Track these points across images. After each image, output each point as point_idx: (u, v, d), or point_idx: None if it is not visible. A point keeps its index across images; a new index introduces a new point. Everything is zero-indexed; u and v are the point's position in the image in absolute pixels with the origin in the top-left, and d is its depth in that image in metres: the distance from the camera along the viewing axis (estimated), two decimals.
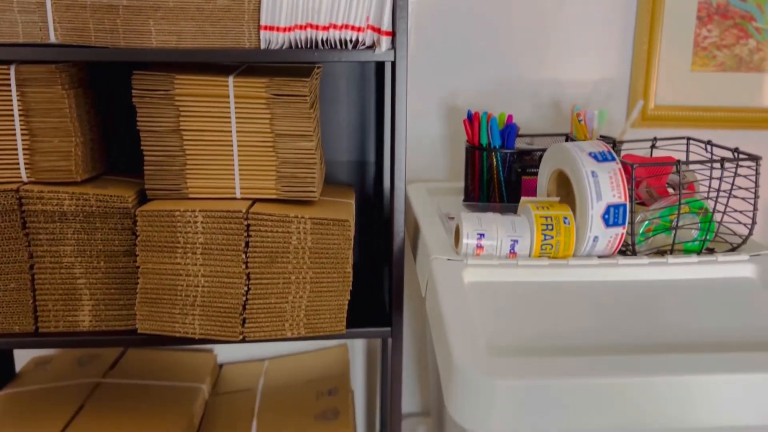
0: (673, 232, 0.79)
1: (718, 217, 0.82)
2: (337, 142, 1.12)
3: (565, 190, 0.86)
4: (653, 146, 0.91)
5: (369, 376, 1.33)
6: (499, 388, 0.62)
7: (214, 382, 1.18)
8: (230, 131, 0.85)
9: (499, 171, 1.00)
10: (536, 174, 0.97)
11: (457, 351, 0.65)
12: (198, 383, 1.10)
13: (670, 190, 0.85)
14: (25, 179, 0.85)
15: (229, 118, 0.85)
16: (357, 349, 1.31)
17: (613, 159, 0.78)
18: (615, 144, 0.94)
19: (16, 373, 1.15)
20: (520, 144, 1.03)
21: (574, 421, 0.64)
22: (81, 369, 1.13)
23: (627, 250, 0.82)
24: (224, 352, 1.27)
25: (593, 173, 0.76)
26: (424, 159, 1.21)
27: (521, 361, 0.65)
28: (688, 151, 0.90)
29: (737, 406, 0.64)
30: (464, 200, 1.05)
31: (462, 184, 1.15)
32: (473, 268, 0.77)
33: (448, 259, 0.79)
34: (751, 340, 0.69)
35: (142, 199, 0.88)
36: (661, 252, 0.81)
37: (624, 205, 0.76)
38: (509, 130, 0.98)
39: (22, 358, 1.21)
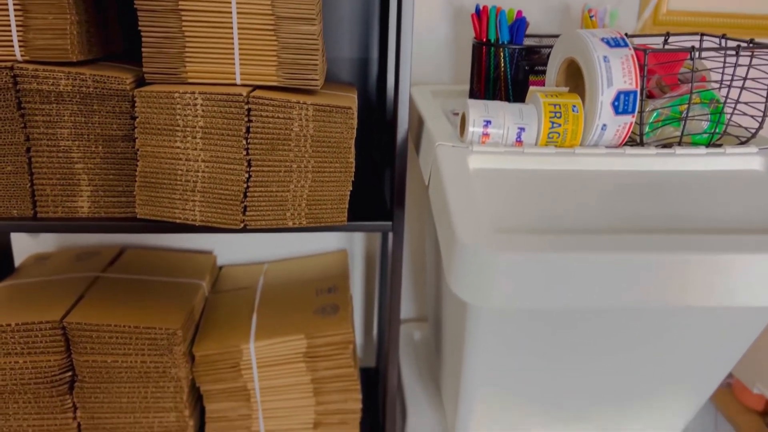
0: (683, 122, 0.77)
1: (729, 110, 0.80)
2: (339, 37, 1.08)
3: (575, 82, 0.84)
4: (666, 42, 0.89)
5: (367, 285, 1.34)
6: (500, 261, 0.62)
7: (214, 282, 1.19)
8: (230, 12, 0.82)
9: (507, 69, 0.97)
10: (544, 73, 0.95)
11: (460, 227, 0.65)
12: (198, 280, 1.11)
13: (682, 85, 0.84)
14: (19, 58, 0.82)
15: None
16: (356, 257, 1.32)
17: (626, 45, 0.75)
18: (627, 36, 0.91)
19: (16, 268, 1.15)
20: (529, 42, 1.00)
21: (573, 297, 0.64)
22: (79, 264, 1.13)
23: (635, 142, 0.81)
24: (223, 254, 1.28)
25: (605, 58, 0.74)
26: (428, 62, 1.18)
27: (523, 237, 0.64)
28: (701, 45, 0.87)
29: (734, 286, 0.64)
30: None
31: (467, 87, 1.13)
32: (478, 155, 0.76)
33: (453, 146, 0.77)
34: (755, 226, 0.69)
35: (141, 83, 0.86)
36: (669, 144, 0.80)
37: (635, 92, 0.74)
38: (518, 25, 0.95)
39: (21, 253, 1.22)
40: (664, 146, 0.79)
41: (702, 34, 0.88)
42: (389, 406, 0.98)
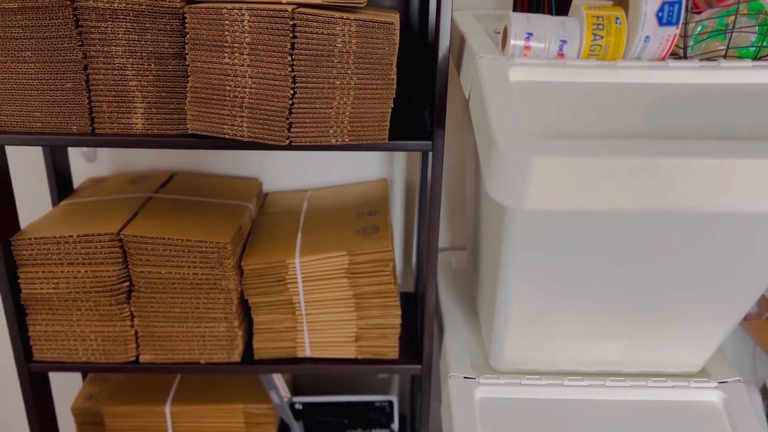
0: (729, 35, 0.77)
1: None
2: None
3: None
4: None
5: (407, 215, 1.37)
6: (535, 164, 0.64)
7: (260, 206, 1.24)
8: None
9: None
10: None
11: (498, 133, 0.67)
12: (245, 202, 1.16)
13: None
14: None
15: None
16: (396, 188, 1.35)
17: None
18: None
19: (74, 189, 1.21)
20: None
21: (607, 200, 0.66)
22: (133, 186, 1.19)
23: (678, 56, 0.80)
24: (268, 182, 1.32)
25: None
26: None
27: (558, 142, 0.66)
28: None
29: None
30: None
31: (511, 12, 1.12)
32: (519, 67, 0.77)
33: (494, 58, 0.78)
34: None
35: (190, 1, 0.89)
36: (714, 58, 0.79)
37: (680, 2, 0.74)
38: None
39: (78, 177, 1.28)
40: (709, 60, 0.79)
41: None
42: (427, 320, 1.02)
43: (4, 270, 0.98)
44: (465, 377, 0.96)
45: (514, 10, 1.00)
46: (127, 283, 1.02)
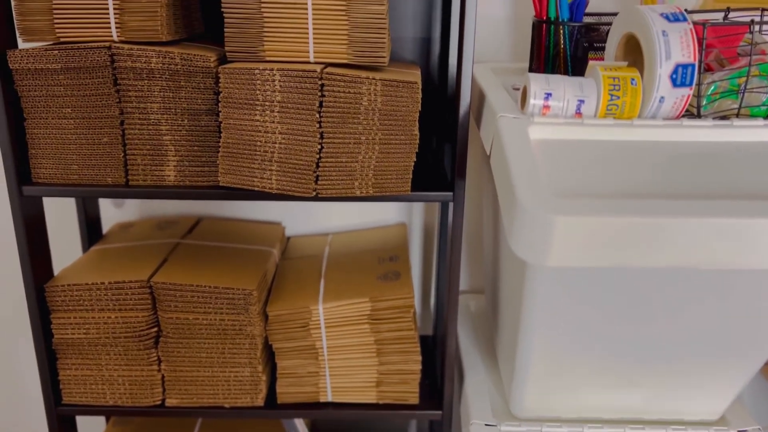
0: (741, 95, 0.80)
1: None
2: (403, 16, 1.13)
3: (633, 58, 0.87)
4: (726, 17, 0.90)
5: (425, 258, 1.40)
6: (557, 223, 0.67)
7: (283, 250, 1.27)
8: None
9: (566, 46, 1.00)
10: (603, 50, 0.98)
11: (521, 192, 0.70)
12: (269, 247, 1.19)
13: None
14: (115, 38, 0.91)
15: None
16: (414, 231, 1.37)
17: (685, 19, 0.78)
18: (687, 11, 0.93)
19: (103, 235, 1.25)
20: (589, 20, 1.03)
21: (627, 258, 0.68)
22: (160, 232, 1.23)
23: (692, 115, 0.83)
24: (290, 227, 1.35)
25: (664, 32, 0.77)
26: (488, 41, 1.22)
27: (579, 201, 0.69)
28: (762, 20, 0.89)
29: None
30: None
31: (527, 65, 1.16)
32: (539, 126, 0.80)
33: (514, 117, 0.82)
34: None
35: (222, 61, 0.93)
36: (726, 117, 0.82)
37: (693, 65, 0.77)
38: (578, 3, 0.98)
39: (107, 222, 1.32)
40: (722, 118, 0.82)
41: (763, 9, 0.89)
42: (448, 369, 1.03)
43: (37, 316, 1.01)
44: (486, 424, 0.97)
45: (530, 68, 1.04)
46: (156, 329, 1.04)
